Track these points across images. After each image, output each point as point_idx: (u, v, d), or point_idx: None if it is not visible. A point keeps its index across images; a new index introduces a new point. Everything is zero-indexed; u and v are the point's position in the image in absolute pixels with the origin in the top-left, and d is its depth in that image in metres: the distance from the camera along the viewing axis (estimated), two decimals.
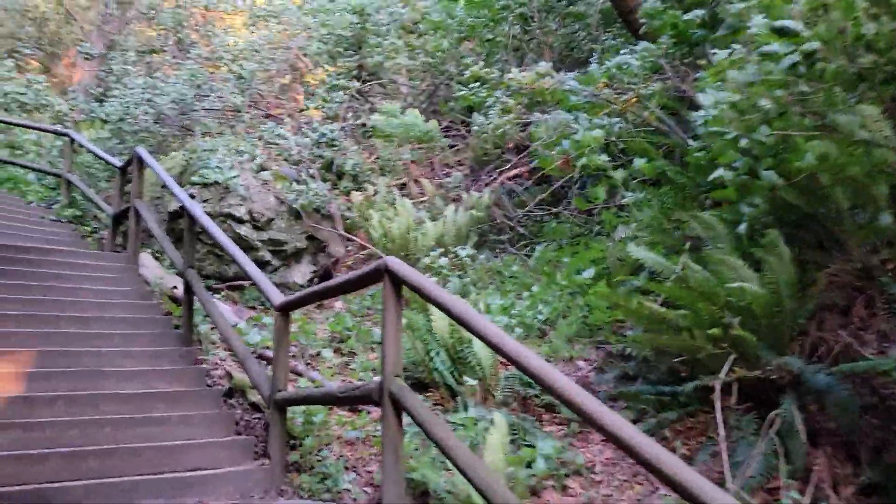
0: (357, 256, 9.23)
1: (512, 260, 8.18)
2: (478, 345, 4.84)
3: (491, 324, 2.67)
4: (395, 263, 3.20)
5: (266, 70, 11.79)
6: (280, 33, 12.56)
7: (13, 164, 10.34)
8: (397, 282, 3.19)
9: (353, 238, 8.76)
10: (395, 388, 3.16)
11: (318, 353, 6.12)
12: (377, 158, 9.91)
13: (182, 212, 6.40)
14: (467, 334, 4.99)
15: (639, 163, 6.07)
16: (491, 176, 10.93)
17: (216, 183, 7.68)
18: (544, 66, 8.33)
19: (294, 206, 7.91)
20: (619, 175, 6.21)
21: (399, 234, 8.29)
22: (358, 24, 13.22)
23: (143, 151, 6.93)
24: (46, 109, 12.13)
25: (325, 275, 8.46)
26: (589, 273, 6.35)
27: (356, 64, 12.14)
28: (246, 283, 7.88)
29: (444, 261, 7.38)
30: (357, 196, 9.47)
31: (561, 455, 4.15)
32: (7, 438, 3.66)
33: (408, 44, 13.52)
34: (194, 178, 7.70)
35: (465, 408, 4.71)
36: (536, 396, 4.81)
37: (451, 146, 11.96)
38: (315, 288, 3.89)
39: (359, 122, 8.83)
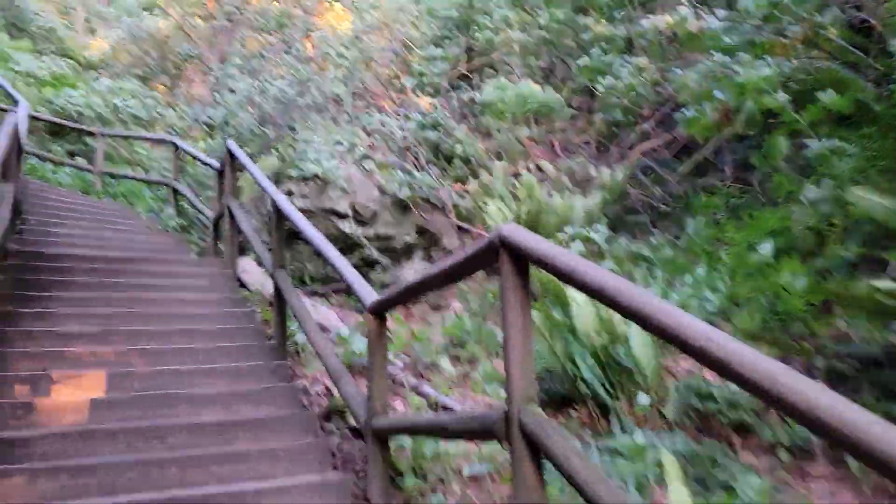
0: None
1: (660, 242, 6.86)
2: (637, 344, 3.68)
3: (670, 305, 1.55)
4: (514, 232, 2.14)
5: (368, 59, 11.13)
6: (382, 21, 11.87)
7: (126, 177, 10.29)
8: (519, 256, 2.13)
9: (470, 228, 7.79)
10: (529, 419, 2.09)
11: (434, 364, 5.17)
12: (490, 140, 8.89)
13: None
14: (622, 329, 3.85)
15: (826, 96, 4.62)
16: (622, 151, 9.59)
17: (315, 177, 6.97)
18: (685, 8, 6.97)
19: (400, 196, 7.05)
20: (803, 118, 4.77)
21: (526, 220, 7.22)
22: (464, 3, 12.33)
23: (232, 145, 6.31)
24: (160, 122, 12.13)
25: None
26: (766, 248, 4.96)
27: (465, 47, 11.20)
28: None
29: (577, 245, 6.22)
30: (472, 182, 8.51)
31: (773, 498, 2.92)
32: (52, 486, 2.96)
33: (520, 18, 12.42)
34: (291, 173, 7.03)
35: (624, 429, 3.57)
36: (721, 413, 3.56)
37: (573, 123, 10.73)
38: (411, 281, 2.92)
39: (467, 97, 7.82)
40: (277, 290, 4.71)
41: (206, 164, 8.09)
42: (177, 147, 9.08)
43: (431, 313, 6.81)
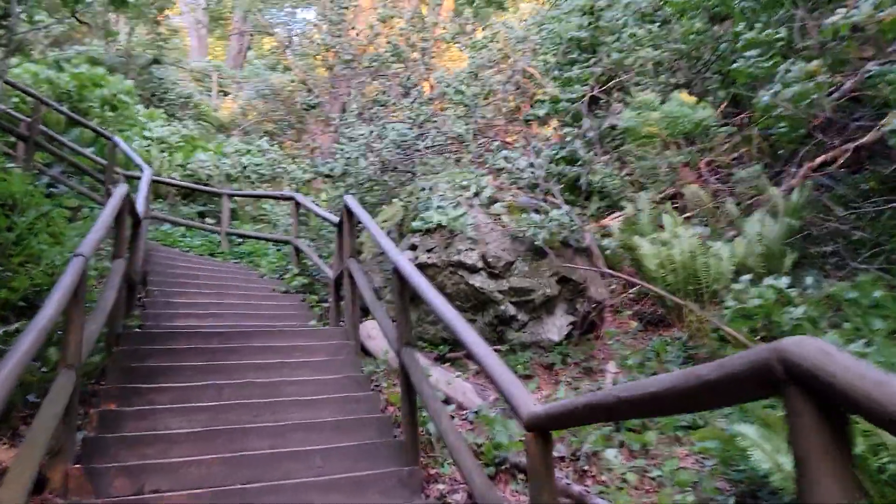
0: (625, 297, 7.14)
1: (866, 279, 5.47)
2: None
3: None
4: (813, 354, 1.17)
5: (489, 93, 10.43)
6: (500, 51, 11.16)
7: (248, 236, 10.13)
8: (830, 400, 1.15)
9: (616, 274, 6.71)
10: None
11: (596, 454, 4.14)
12: (633, 168, 7.80)
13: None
14: None
15: None
16: (789, 170, 8.16)
17: (440, 226, 6.22)
18: None
19: (536, 242, 6.14)
20: None
21: (682, 261, 6.06)
22: (590, 24, 11.46)
23: (350, 200, 5.71)
24: (284, 176, 12.05)
25: (588, 326, 6.51)
26: None
27: (592, 70, 10.24)
28: (499, 346, 6.26)
29: (765, 293, 5.02)
30: (613, 219, 7.45)
31: None
32: None
33: (651, 33, 11.35)
34: (415, 224, 6.32)
35: None
36: None
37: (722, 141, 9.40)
38: (601, 397, 1.99)
39: (605, 125, 6.78)
40: (404, 372, 3.93)
41: (324, 219, 7.62)
42: (297, 203, 8.74)
43: (582, 377, 5.79)
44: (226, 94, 25.21)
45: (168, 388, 4.26)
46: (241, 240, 10.58)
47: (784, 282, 5.42)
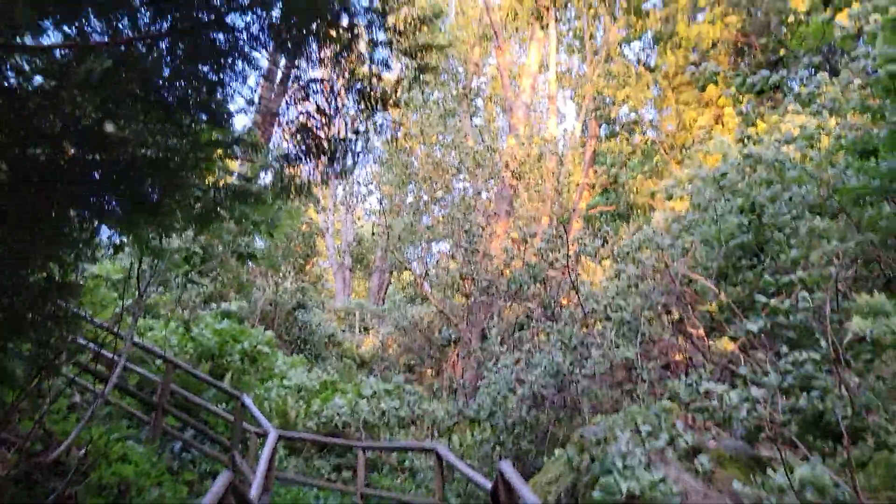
0: None
1: None
2: None
3: None
4: None
5: (650, 307, 9.01)
6: (658, 260, 9.91)
7: (386, 498, 8.70)
8: None
9: None
10: None
11: None
12: (874, 389, 5.80)
13: None
14: None
15: None
16: None
17: (633, 497, 4.53)
18: None
19: None
20: None
21: None
22: (750, 224, 10.14)
23: (506, 467, 4.28)
24: (424, 419, 10.83)
25: None
26: None
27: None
28: None
29: None
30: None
31: None
32: None
33: (832, 225, 9.81)
34: (595, 495, 4.66)
35: None
36: None
37: None
38: None
39: (848, 338, 4.99)
40: None
41: (473, 481, 6.12)
42: (439, 456, 7.34)
43: None
44: (366, 329, 25.48)
45: None
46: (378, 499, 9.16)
47: None
